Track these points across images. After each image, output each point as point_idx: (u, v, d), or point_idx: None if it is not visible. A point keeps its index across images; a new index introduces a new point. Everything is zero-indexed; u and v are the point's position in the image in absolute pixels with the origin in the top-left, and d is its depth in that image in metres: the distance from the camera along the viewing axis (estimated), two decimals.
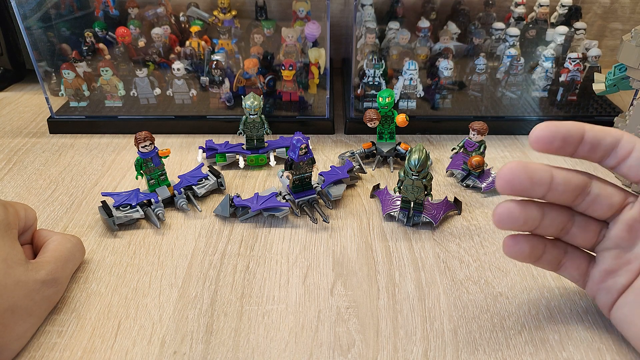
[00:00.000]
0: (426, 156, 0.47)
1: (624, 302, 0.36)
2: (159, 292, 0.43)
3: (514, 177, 0.34)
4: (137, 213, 0.50)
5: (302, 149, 0.49)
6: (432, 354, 0.37)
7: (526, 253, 0.37)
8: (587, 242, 0.38)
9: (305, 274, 0.45)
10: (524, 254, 0.37)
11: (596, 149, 0.35)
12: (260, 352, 0.37)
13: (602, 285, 0.37)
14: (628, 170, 0.35)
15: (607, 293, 0.37)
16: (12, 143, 0.66)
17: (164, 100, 0.70)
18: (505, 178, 0.34)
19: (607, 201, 0.36)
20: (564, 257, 0.38)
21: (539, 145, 0.35)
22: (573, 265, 0.38)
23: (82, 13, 0.75)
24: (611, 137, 0.35)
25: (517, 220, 0.35)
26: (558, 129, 0.34)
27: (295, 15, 0.75)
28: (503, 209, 0.35)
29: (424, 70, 0.72)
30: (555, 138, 0.34)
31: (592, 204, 0.36)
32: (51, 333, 0.39)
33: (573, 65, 0.67)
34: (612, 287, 0.37)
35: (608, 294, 0.37)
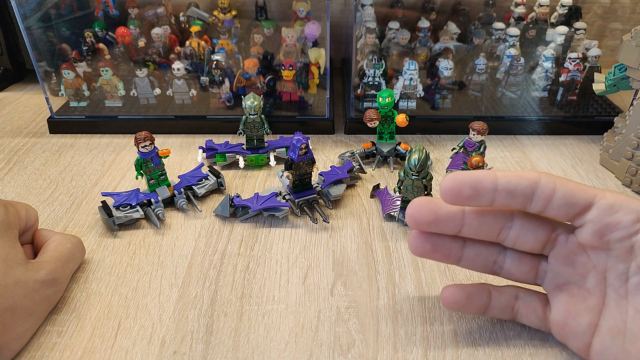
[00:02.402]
0: (426, 156, 0.47)
1: (601, 347, 0.34)
2: (159, 292, 0.43)
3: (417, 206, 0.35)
4: (137, 213, 0.50)
5: (302, 149, 0.49)
6: (432, 354, 0.37)
7: (462, 303, 0.37)
8: (526, 276, 0.37)
9: (305, 274, 0.45)
10: (460, 304, 0.37)
11: (514, 195, 0.33)
12: (260, 352, 0.37)
13: (567, 329, 0.35)
14: (557, 212, 0.33)
15: (574, 338, 0.35)
16: (12, 143, 0.66)
17: (164, 100, 0.70)
18: (410, 213, 0.35)
19: (534, 236, 0.35)
20: (516, 303, 0.37)
21: (447, 196, 0.34)
22: (528, 310, 0.37)
23: (82, 13, 0.75)
24: (527, 180, 0.33)
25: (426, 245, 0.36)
26: (465, 178, 0.33)
27: (295, 15, 0.75)
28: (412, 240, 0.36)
29: (424, 70, 0.72)
30: (463, 187, 0.33)
31: (517, 239, 0.35)
32: (51, 333, 0.39)
33: (573, 65, 0.67)
34: (577, 329, 0.35)
35: (576, 339, 0.35)
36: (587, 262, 0.34)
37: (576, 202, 0.32)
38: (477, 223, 0.35)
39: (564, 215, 0.33)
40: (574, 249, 0.34)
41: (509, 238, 0.35)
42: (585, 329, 0.34)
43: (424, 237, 0.36)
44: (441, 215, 0.35)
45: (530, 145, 0.66)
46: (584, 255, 0.34)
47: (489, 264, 0.37)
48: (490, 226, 0.35)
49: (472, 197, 0.33)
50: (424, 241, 0.36)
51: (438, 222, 0.35)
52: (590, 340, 0.34)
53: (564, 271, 0.35)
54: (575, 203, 0.33)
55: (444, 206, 0.35)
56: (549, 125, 0.68)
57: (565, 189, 0.33)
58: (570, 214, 0.33)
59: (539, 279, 0.37)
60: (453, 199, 0.34)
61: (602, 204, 0.32)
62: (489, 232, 0.35)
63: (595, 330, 0.34)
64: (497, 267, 0.37)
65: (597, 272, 0.34)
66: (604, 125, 0.65)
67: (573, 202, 0.32)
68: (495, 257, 0.37)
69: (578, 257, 0.34)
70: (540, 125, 0.68)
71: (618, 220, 0.32)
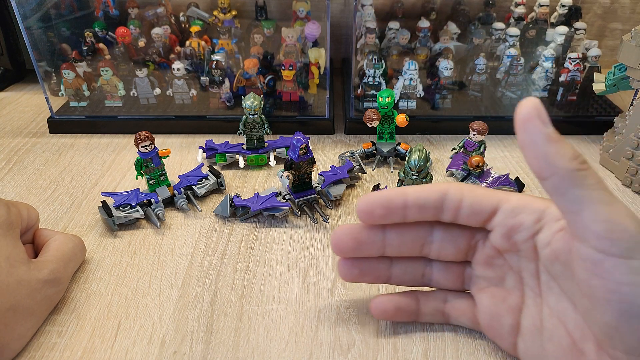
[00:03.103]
0: (426, 156, 0.47)
1: (524, 346, 0.35)
2: (159, 292, 0.43)
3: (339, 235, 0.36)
4: (137, 213, 0.50)
5: (302, 149, 0.49)
6: (432, 354, 0.37)
7: (391, 312, 0.38)
8: (454, 284, 0.38)
9: (305, 274, 0.45)
10: (391, 313, 0.38)
11: (425, 209, 0.34)
12: (260, 352, 0.37)
13: (493, 331, 0.36)
14: (466, 219, 0.34)
15: (501, 338, 0.36)
16: (12, 143, 0.66)
17: (164, 100, 0.70)
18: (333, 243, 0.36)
19: (454, 245, 0.36)
20: (445, 306, 0.38)
21: (362, 217, 0.35)
22: (458, 313, 0.38)
23: (82, 13, 0.75)
24: (436, 192, 0.34)
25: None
26: (375, 199, 0.34)
27: (295, 15, 0.75)
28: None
29: (424, 70, 0.72)
30: (375, 208, 0.34)
31: (440, 251, 0.36)
32: (51, 333, 0.39)
33: (573, 65, 0.67)
34: (502, 330, 0.36)
35: (503, 339, 0.36)
36: (504, 264, 0.35)
37: (483, 209, 0.34)
38: (398, 241, 0.36)
39: (474, 222, 0.34)
40: (491, 252, 0.36)
41: (432, 251, 0.37)
42: (508, 330, 0.35)
43: (351, 263, 0.37)
44: (363, 240, 0.36)
45: None
46: (500, 258, 0.35)
47: (417, 277, 0.38)
48: (411, 242, 0.36)
49: (385, 215, 0.35)
50: (351, 267, 0.37)
51: (361, 247, 0.36)
52: (515, 339, 0.35)
53: (485, 274, 0.36)
54: (482, 210, 0.34)
55: (364, 230, 0.36)
56: None
57: (471, 198, 0.34)
58: (479, 221, 0.34)
59: (466, 284, 0.38)
60: (368, 219, 0.35)
61: (506, 208, 0.33)
62: (412, 248, 0.37)
63: (518, 330, 0.35)
64: (426, 280, 0.38)
65: (514, 273, 0.35)
66: (604, 125, 0.65)
67: (480, 209, 0.34)
68: (423, 270, 0.38)
69: (495, 260, 0.36)
70: None
71: (521, 222, 0.33)
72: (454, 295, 0.39)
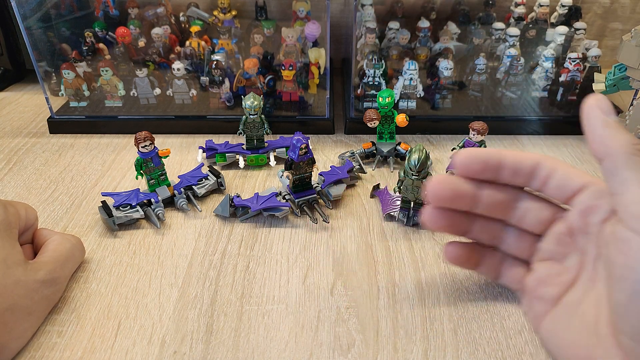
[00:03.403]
0: (426, 156, 0.47)
1: (552, 317, 0.36)
2: (159, 292, 0.43)
3: (440, 182, 0.37)
4: (137, 213, 0.50)
5: (302, 149, 0.49)
6: (432, 354, 0.37)
7: (463, 258, 0.40)
8: (522, 252, 0.40)
9: (305, 274, 0.45)
10: (461, 259, 0.40)
11: (518, 173, 0.37)
12: (260, 352, 0.37)
13: (534, 294, 0.38)
14: (553, 191, 0.37)
15: (538, 303, 0.38)
16: (12, 143, 0.66)
17: (164, 100, 0.70)
18: (431, 189, 0.37)
19: (536, 216, 0.38)
20: (502, 265, 0.41)
21: (459, 169, 0.38)
22: (510, 274, 0.40)
23: (82, 13, 0.75)
24: (530, 160, 0.37)
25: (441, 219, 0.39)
26: (476, 154, 0.37)
27: (295, 15, 0.75)
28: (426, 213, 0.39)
29: (424, 70, 0.72)
30: (473, 162, 0.37)
31: (522, 218, 0.38)
32: (51, 333, 0.39)
33: (573, 65, 0.67)
34: (543, 297, 0.37)
35: (539, 305, 0.37)
36: (571, 243, 0.37)
37: (571, 184, 0.35)
38: (489, 201, 0.38)
39: (559, 195, 0.36)
40: (564, 230, 0.37)
41: (515, 216, 0.39)
42: (549, 300, 0.37)
43: (440, 213, 0.39)
44: (459, 193, 0.38)
45: (530, 145, 0.66)
46: (570, 237, 0.37)
47: (491, 238, 0.40)
48: (500, 204, 0.38)
49: (481, 171, 0.37)
50: (439, 216, 0.39)
51: (456, 198, 0.38)
52: (549, 309, 0.37)
53: (551, 249, 0.38)
54: (570, 185, 0.35)
55: (463, 184, 0.38)
56: (549, 125, 0.68)
57: (563, 171, 0.36)
58: (564, 195, 0.36)
59: (529, 255, 0.40)
60: (464, 171, 0.38)
61: (594, 189, 0.35)
62: (499, 209, 0.39)
63: (557, 303, 0.36)
64: (497, 241, 0.40)
65: (578, 253, 0.36)
66: None
67: (568, 184, 0.36)
68: (499, 232, 0.40)
69: (565, 238, 0.37)
70: (540, 125, 0.68)
71: (599, 205, 0.34)
72: (511, 257, 0.40)
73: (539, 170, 0.36)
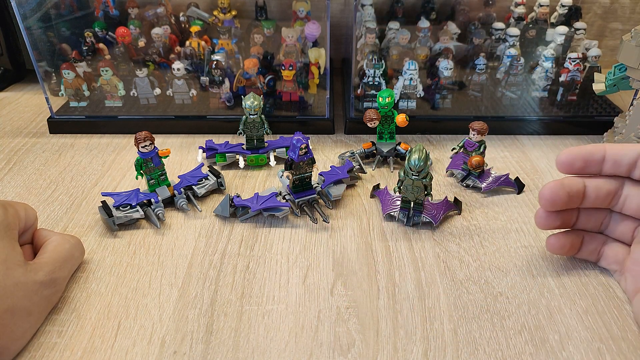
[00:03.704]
0: (426, 156, 0.47)
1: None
2: (159, 292, 0.43)
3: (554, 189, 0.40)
4: (137, 213, 0.50)
5: (302, 149, 0.49)
6: (432, 354, 0.37)
7: (567, 248, 0.43)
8: (624, 236, 0.42)
9: (305, 274, 0.45)
10: (564, 249, 0.43)
11: (620, 165, 0.39)
12: (260, 352, 0.37)
13: (632, 272, 0.41)
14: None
15: (634, 280, 0.40)
16: (12, 143, 0.66)
17: (164, 100, 0.70)
18: (547, 197, 0.40)
19: (637, 202, 0.40)
20: (603, 247, 0.43)
21: (562, 168, 0.40)
22: (611, 255, 0.43)
23: (82, 13, 0.75)
24: (633, 151, 0.39)
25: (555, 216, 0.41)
26: (579, 152, 0.40)
27: (295, 15, 0.75)
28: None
29: (424, 70, 0.72)
30: (576, 160, 0.40)
31: (624, 204, 0.41)
32: (51, 333, 0.39)
33: (573, 65, 0.67)
34: (637, 276, 0.40)
35: (635, 281, 0.40)
36: None
37: None
38: (595, 194, 0.41)
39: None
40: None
41: (618, 204, 0.41)
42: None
43: (555, 215, 0.41)
44: (572, 195, 0.40)
45: (530, 145, 0.66)
46: None
47: (597, 225, 0.43)
48: (605, 196, 0.41)
49: (584, 168, 0.40)
50: (555, 218, 0.41)
51: (571, 200, 0.40)
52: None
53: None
54: None
55: (573, 186, 0.40)
56: (549, 125, 0.68)
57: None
58: None
59: (632, 239, 0.42)
60: (567, 169, 0.40)
61: None
62: (604, 201, 0.41)
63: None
64: (602, 227, 0.43)
65: None
66: (604, 125, 0.65)
67: None
68: (603, 219, 0.43)
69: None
70: (540, 125, 0.68)
71: None
72: (612, 240, 0.43)
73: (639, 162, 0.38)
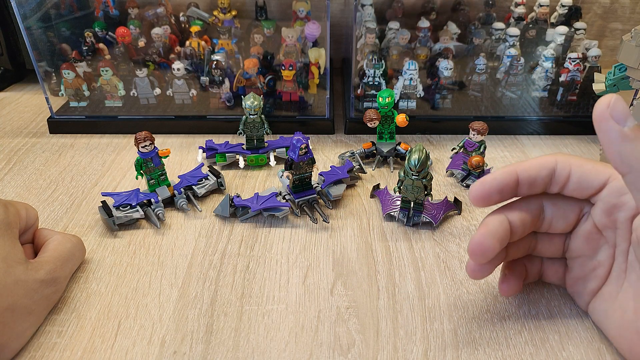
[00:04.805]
0: (426, 156, 0.47)
1: (594, 307, 0.38)
2: (159, 292, 0.43)
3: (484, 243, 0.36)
4: (137, 213, 0.50)
5: (302, 149, 0.49)
6: (432, 354, 0.37)
7: (519, 285, 0.40)
8: (555, 253, 0.41)
9: (305, 274, 0.45)
10: (518, 287, 0.40)
11: (535, 185, 0.37)
12: (260, 352, 0.37)
13: (575, 289, 0.40)
14: (572, 192, 0.37)
15: (579, 296, 0.40)
16: (12, 143, 0.66)
17: (164, 100, 0.70)
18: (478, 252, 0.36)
19: (563, 220, 0.38)
20: (542, 267, 0.42)
21: (478, 203, 0.37)
22: (551, 272, 0.42)
23: (82, 13, 0.75)
24: (545, 169, 0.36)
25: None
26: (491, 184, 0.36)
27: (295, 15, 0.75)
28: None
29: (424, 70, 0.72)
30: (491, 193, 0.37)
31: (550, 225, 0.39)
32: (51, 333, 0.39)
33: (573, 65, 0.67)
34: (583, 291, 0.39)
35: (581, 298, 0.40)
36: (600, 238, 0.37)
37: (590, 184, 0.36)
38: (521, 231, 0.38)
39: (580, 195, 0.37)
40: (591, 227, 0.37)
41: (544, 225, 0.39)
42: (589, 292, 0.39)
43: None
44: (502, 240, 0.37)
45: (530, 145, 0.66)
46: (598, 233, 0.37)
47: (527, 250, 0.41)
48: (530, 223, 0.38)
49: (500, 199, 0.37)
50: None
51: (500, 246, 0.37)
52: (590, 299, 0.39)
53: (582, 246, 0.38)
54: (589, 185, 0.36)
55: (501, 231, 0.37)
56: (549, 125, 0.68)
57: (579, 173, 0.36)
58: (585, 195, 0.36)
59: (563, 253, 0.41)
60: (484, 204, 0.37)
61: (613, 186, 0.35)
62: (530, 227, 0.39)
63: (596, 294, 0.38)
64: (531, 250, 0.41)
65: (609, 247, 0.37)
66: None
67: (587, 184, 0.36)
68: (530, 244, 0.41)
69: (593, 234, 0.37)
70: (540, 125, 0.68)
71: (624, 202, 0.34)
72: (547, 258, 0.42)
73: (555, 177, 0.36)
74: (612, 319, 0.36)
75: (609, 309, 0.37)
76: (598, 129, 0.30)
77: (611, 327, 0.37)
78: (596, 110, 0.30)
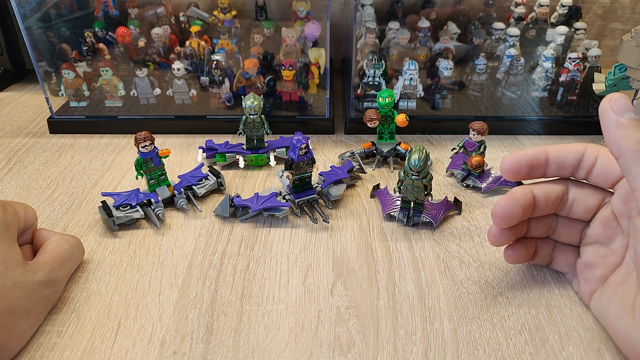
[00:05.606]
0: (426, 156, 0.47)
1: (600, 294, 0.39)
2: (159, 292, 0.43)
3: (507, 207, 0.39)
4: (137, 213, 0.50)
5: (302, 149, 0.49)
6: (432, 354, 0.37)
7: (524, 257, 0.42)
8: (572, 239, 0.42)
9: (305, 274, 0.45)
10: (522, 257, 0.42)
11: (563, 167, 0.40)
12: (260, 352, 0.37)
13: (583, 275, 0.41)
14: (597, 179, 0.39)
15: (586, 283, 0.41)
16: (12, 143, 0.66)
17: (164, 100, 0.70)
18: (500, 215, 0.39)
19: (584, 205, 0.40)
20: (554, 251, 0.43)
21: (508, 174, 0.40)
22: (561, 258, 0.43)
23: (82, 13, 0.75)
24: (574, 152, 0.39)
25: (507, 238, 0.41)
26: (522, 157, 0.39)
27: (295, 15, 0.75)
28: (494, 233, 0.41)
29: (424, 70, 0.72)
30: (522, 166, 0.39)
31: (571, 208, 0.41)
32: (51, 333, 0.39)
33: (573, 65, 0.67)
34: (591, 278, 0.40)
35: (587, 284, 0.40)
36: (617, 226, 0.39)
37: (614, 171, 0.38)
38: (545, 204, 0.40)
39: (603, 182, 0.39)
40: (609, 214, 0.39)
41: (565, 208, 0.41)
42: (597, 279, 0.39)
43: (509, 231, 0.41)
44: (525, 209, 0.40)
45: (530, 145, 0.66)
46: (615, 221, 0.39)
47: (545, 231, 0.43)
48: (552, 204, 0.41)
49: (529, 173, 0.40)
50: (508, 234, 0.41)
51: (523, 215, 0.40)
52: (597, 288, 0.39)
53: (598, 233, 0.40)
54: (613, 172, 0.38)
55: (524, 199, 0.40)
56: (549, 125, 0.68)
57: (605, 159, 0.38)
58: (608, 182, 0.38)
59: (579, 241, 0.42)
60: (514, 176, 0.40)
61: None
62: (552, 208, 0.41)
63: (604, 282, 0.39)
64: (550, 232, 0.43)
65: (624, 236, 0.38)
66: None
67: (611, 171, 0.38)
68: (550, 225, 0.43)
69: (610, 222, 0.39)
70: (540, 125, 0.68)
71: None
72: (561, 243, 0.43)
73: (582, 162, 0.39)
74: (613, 304, 0.37)
75: (613, 295, 0.37)
76: (600, 118, 0.34)
77: (610, 313, 0.37)
78: (601, 104, 0.34)
